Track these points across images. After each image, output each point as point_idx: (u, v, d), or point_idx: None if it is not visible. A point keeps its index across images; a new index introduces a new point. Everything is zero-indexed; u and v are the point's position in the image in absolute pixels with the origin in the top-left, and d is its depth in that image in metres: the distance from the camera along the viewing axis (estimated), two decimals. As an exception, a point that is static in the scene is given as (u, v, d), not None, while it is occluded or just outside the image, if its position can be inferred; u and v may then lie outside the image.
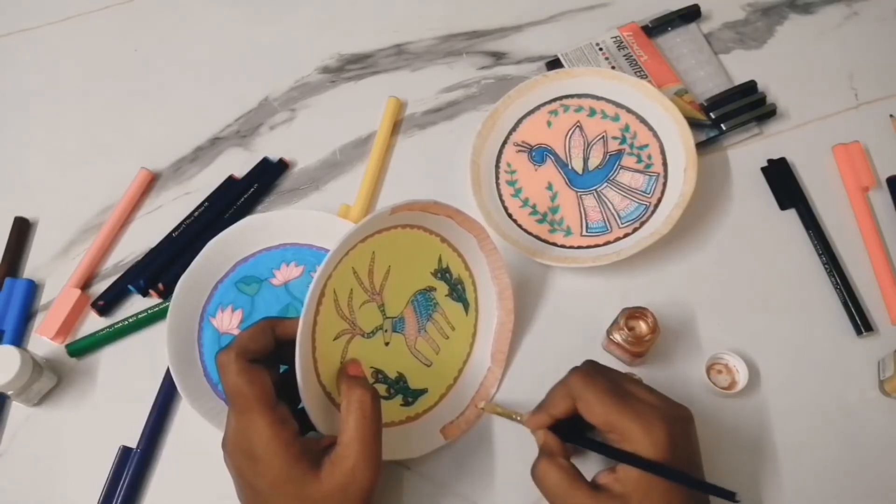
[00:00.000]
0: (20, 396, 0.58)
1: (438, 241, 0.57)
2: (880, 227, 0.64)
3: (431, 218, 0.56)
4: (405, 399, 0.57)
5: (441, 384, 0.59)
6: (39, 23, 0.78)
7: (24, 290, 0.64)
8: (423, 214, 0.55)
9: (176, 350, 0.59)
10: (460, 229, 0.57)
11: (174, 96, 0.73)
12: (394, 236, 0.54)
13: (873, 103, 0.70)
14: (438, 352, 0.58)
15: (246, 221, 0.63)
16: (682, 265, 0.64)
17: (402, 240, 0.55)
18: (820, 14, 0.74)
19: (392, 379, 0.56)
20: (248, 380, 0.45)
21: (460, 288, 0.59)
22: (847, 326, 0.61)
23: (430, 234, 0.57)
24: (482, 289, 0.60)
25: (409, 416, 0.57)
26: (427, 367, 0.58)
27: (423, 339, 0.58)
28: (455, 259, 0.59)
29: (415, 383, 0.57)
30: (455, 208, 0.55)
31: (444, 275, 0.58)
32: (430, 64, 0.74)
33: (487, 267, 0.60)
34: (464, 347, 0.60)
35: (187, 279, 0.61)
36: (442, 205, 0.54)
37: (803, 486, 0.56)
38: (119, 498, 0.57)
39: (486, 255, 0.59)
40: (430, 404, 0.58)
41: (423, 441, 0.57)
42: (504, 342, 0.60)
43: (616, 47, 0.72)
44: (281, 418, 0.45)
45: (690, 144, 0.64)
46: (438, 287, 0.58)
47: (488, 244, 0.59)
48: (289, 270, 0.63)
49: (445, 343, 0.59)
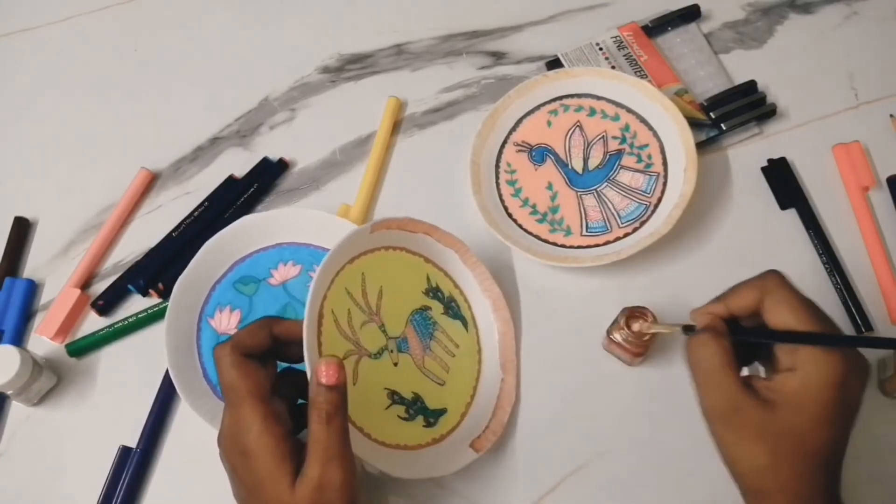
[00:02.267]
0: (20, 396, 0.58)
1: (423, 261, 0.58)
2: (880, 226, 0.64)
3: (412, 238, 0.56)
4: (427, 420, 0.56)
5: (459, 402, 0.58)
6: (40, 23, 0.78)
7: (24, 290, 0.64)
8: (403, 235, 0.56)
9: (175, 351, 0.59)
10: (440, 246, 0.58)
11: (174, 96, 0.73)
12: (381, 257, 0.54)
13: (873, 103, 0.70)
14: (448, 370, 0.58)
15: (242, 221, 0.63)
16: (682, 265, 0.64)
17: (389, 261, 0.55)
18: (820, 14, 0.74)
19: (409, 400, 0.56)
20: (242, 373, 0.45)
21: (455, 305, 0.60)
22: (847, 326, 0.61)
23: (413, 254, 0.57)
24: (476, 304, 0.61)
25: (434, 438, 0.56)
26: (441, 387, 0.58)
27: (430, 358, 0.58)
28: (442, 278, 0.59)
29: (433, 403, 0.57)
30: (431, 224, 0.55)
31: (437, 293, 0.59)
32: (430, 64, 0.74)
33: (475, 281, 0.60)
34: (473, 364, 0.60)
35: (185, 280, 0.61)
36: (417, 221, 0.55)
37: (803, 486, 0.56)
38: (119, 498, 0.57)
39: (471, 269, 0.60)
40: (452, 424, 0.57)
41: (455, 458, 0.56)
42: (510, 350, 0.60)
43: (616, 47, 0.72)
44: (274, 413, 0.45)
45: (690, 144, 0.64)
46: (433, 306, 0.59)
47: (470, 258, 0.59)
48: (286, 270, 0.63)
49: (454, 361, 0.59)
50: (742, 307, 0.47)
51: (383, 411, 0.55)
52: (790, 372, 0.44)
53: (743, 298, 0.47)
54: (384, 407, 0.55)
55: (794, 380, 0.43)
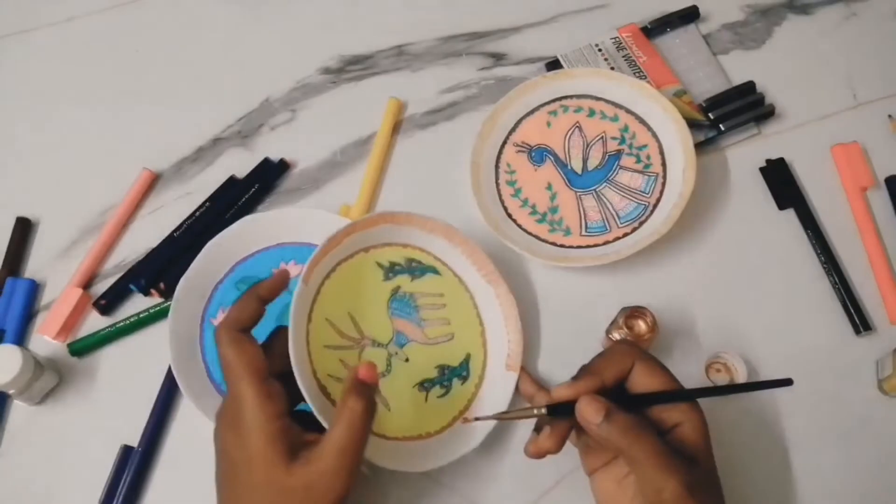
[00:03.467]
0: (22, 395, 0.59)
1: (363, 254, 0.57)
2: (879, 226, 0.65)
3: (348, 241, 0.56)
4: (461, 378, 0.58)
5: (474, 335, 0.59)
6: (41, 24, 0.78)
7: (26, 290, 0.64)
8: (347, 244, 0.56)
9: (178, 352, 0.59)
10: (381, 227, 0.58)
11: (175, 97, 0.74)
12: (330, 291, 0.54)
13: (872, 103, 0.70)
14: (450, 322, 0.59)
15: (243, 222, 0.63)
16: (680, 265, 0.64)
17: (338, 287, 0.55)
18: (819, 15, 0.74)
19: (437, 377, 0.57)
20: (238, 350, 0.46)
21: (414, 263, 0.59)
22: (846, 326, 0.61)
23: (351, 257, 0.57)
24: (449, 259, 0.60)
25: (472, 391, 0.58)
26: (452, 340, 0.58)
27: (428, 327, 0.58)
28: (394, 250, 0.59)
29: (455, 359, 0.58)
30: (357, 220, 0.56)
31: (393, 269, 0.58)
32: (431, 65, 0.74)
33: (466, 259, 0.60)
34: (462, 295, 0.60)
35: (186, 282, 0.61)
36: (333, 236, 0.55)
37: (802, 486, 0.56)
38: (120, 497, 0.57)
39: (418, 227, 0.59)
40: (480, 359, 0.58)
41: (501, 389, 0.58)
42: (486, 263, 0.60)
43: (615, 48, 0.72)
44: (269, 392, 0.45)
45: (689, 145, 0.64)
46: (400, 283, 0.58)
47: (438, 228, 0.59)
48: (289, 269, 0.63)
49: (447, 309, 0.59)
50: (615, 378, 0.48)
51: (424, 404, 0.56)
52: (680, 427, 0.47)
53: (614, 368, 0.48)
54: (423, 401, 0.56)
55: (689, 431, 0.46)
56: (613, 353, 0.49)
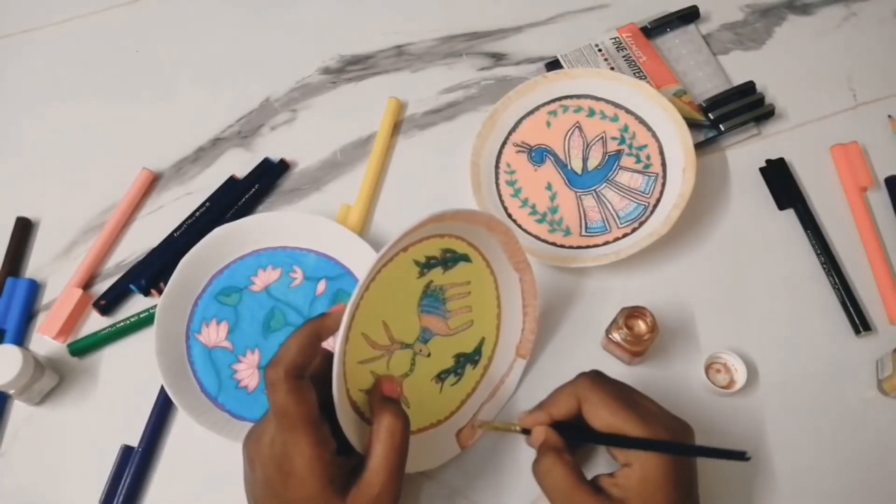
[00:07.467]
0: (22, 396, 0.59)
1: (403, 254, 0.52)
2: (878, 226, 0.65)
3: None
4: (473, 363, 0.58)
5: (490, 317, 0.59)
6: (42, 23, 0.78)
7: (26, 290, 0.64)
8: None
9: (168, 372, 0.59)
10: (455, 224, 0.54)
11: (176, 97, 0.74)
12: (367, 300, 0.49)
13: (872, 104, 0.70)
14: (472, 308, 0.57)
15: (213, 235, 0.62)
16: (680, 265, 0.64)
17: (376, 293, 0.50)
18: (818, 15, 0.74)
19: (452, 366, 0.57)
20: (298, 399, 0.44)
21: (449, 254, 0.55)
22: (845, 326, 0.61)
23: (402, 252, 0.52)
24: (483, 244, 0.56)
25: (479, 377, 0.58)
26: (472, 326, 0.58)
27: (452, 318, 0.56)
28: (431, 243, 0.54)
29: (470, 346, 0.58)
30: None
31: (429, 263, 0.54)
32: (431, 65, 0.74)
33: (503, 254, 0.57)
34: (487, 278, 0.57)
35: (165, 301, 0.61)
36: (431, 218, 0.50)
37: (801, 486, 0.56)
38: (120, 497, 0.57)
39: (501, 240, 0.56)
40: (492, 342, 0.59)
41: (507, 369, 0.59)
42: (518, 252, 0.57)
43: (615, 48, 0.72)
44: (323, 439, 0.45)
45: (689, 145, 0.64)
46: (433, 277, 0.54)
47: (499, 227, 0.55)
48: (266, 275, 0.63)
49: (472, 297, 0.57)
50: (564, 413, 0.50)
51: (439, 396, 0.56)
52: (629, 467, 0.47)
53: (562, 406, 0.50)
54: (438, 392, 0.56)
55: (635, 474, 0.46)
56: (560, 393, 0.51)
